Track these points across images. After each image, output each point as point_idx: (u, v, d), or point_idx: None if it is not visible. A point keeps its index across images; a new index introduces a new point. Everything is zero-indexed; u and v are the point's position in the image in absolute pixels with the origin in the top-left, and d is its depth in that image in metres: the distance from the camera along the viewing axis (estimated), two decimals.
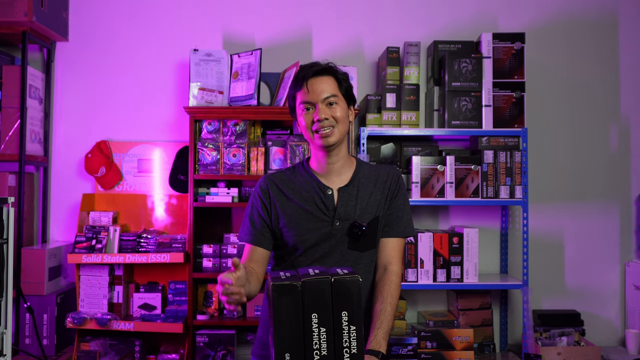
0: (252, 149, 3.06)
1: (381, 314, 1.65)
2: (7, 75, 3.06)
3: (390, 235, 1.78)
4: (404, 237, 1.80)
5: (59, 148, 3.36)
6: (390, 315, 1.66)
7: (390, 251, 1.77)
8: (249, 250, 1.78)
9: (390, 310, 1.67)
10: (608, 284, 3.33)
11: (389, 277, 1.73)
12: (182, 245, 3.01)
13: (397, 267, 1.76)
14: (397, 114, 3.05)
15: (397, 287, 1.72)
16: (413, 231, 1.83)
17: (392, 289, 1.71)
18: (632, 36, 3.38)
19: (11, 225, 1.86)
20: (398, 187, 1.80)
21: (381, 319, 1.64)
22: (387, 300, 1.68)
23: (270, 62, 3.24)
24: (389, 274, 1.74)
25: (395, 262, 1.76)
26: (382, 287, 1.72)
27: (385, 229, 1.78)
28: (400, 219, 1.79)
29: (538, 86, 3.32)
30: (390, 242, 1.78)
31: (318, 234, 1.72)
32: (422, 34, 3.33)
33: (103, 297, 3.02)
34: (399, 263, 1.77)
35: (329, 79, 1.74)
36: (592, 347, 2.87)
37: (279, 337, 1.31)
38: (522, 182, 2.97)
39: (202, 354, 2.94)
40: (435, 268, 2.94)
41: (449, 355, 2.87)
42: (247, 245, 1.79)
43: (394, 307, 1.68)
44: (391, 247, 1.78)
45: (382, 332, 1.62)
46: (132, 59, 3.36)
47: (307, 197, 1.75)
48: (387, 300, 1.68)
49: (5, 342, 1.84)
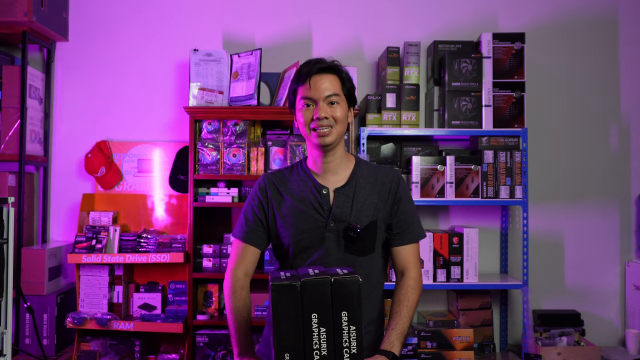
0: (252, 149, 3.06)
1: (396, 317, 1.67)
2: (7, 75, 3.06)
3: (404, 243, 1.78)
4: (416, 241, 1.80)
5: (59, 148, 3.36)
6: (405, 317, 1.67)
7: (405, 258, 1.77)
8: (240, 247, 1.78)
9: (406, 313, 1.67)
10: (608, 284, 3.33)
11: (406, 282, 1.74)
12: (182, 245, 3.01)
13: (415, 272, 1.76)
14: (397, 114, 3.05)
15: (414, 290, 1.73)
16: (423, 233, 1.82)
17: (410, 293, 1.71)
18: (632, 36, 3.38)
19: (11, 225, 1.86)
20: (400, 192, 1.78)
21: (396, 321, 1.65)
22: (403, 303, 1.69)
23: (270, 62, 3.24)
24: (405, 279, 1.74)
25: (412, 267, 1.76)
26: (399, 291, 1.73)
27: (396, 237, 1.77)
28: (411, 225, 1.78)
29: (538, 86, 3.32)
30: (404, 250, 1.78)
31: (312, 234, 1.71)
32: (422, 34, 3.33)
33: (103, 297, 3.02)
34: (416, 268, 1.77)
35: (333, 77, 1.72)
36: (592, 347, 2.87)
37: (279, 337, 1.31)
38: (522, 182, 2.97)
39: (202, 354, 2.94)
40: (435, 268, 2.94)
41: (449, 355, 2.87)
42: (237, 241, 1.79)
43: (410, 310, 1.69)
44: (405, 254, 1.77)
45: (395, 333, 1.62)
46: (132, 59, 3.36)
47: (302, 196, 1.74)
48: (403, 303, 1.69)
49: (5, 342, 1.84)
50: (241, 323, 1.68)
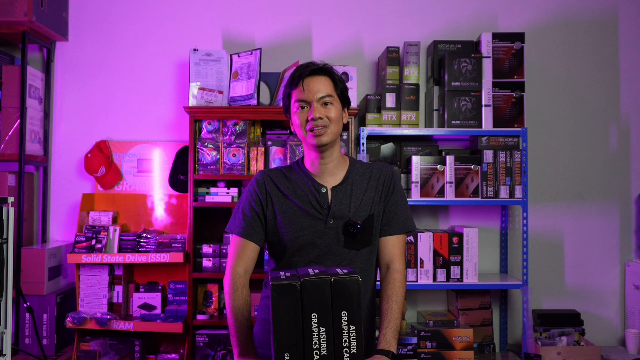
0: (252, 149, 3.06)
1: (388, 314, 1.66)
2: (7, 75, 3.06)
3: (391, 234, 1.78)
4: (404, 233, 1.80)
5: (59, 148, 3.36)
6: (397, 313, 1.67)
7: (391, 249, 1.77)
8: (240, 244, 1.76)
9: (397, 309, 1.68)
10: (608, 284, 3.33)
11: (392, 276, 1.73)
12: (182, 245, 3.01)
13: (400, 265, 1.76)
14: (397, 114, 3.05)
15: (402, 284, 1.73)
16: (413, 226, 1.81)
17: (397, 287, 1.71)
18: (632, 36, 3.38)
19: (11, 225, 1.86)
20: (393, 184, 1.80)
21: (389, 318, 1.65)
22: (393, 299, 1.69)
23: (270, 62, 3.24)
24: (392, 272, 1.74)
25: (398, 259, 1.76)
26: (387, 286, 1.72)
27: (384, 228, 1.78)
28: (399, 216, 1.78)
29: (538, 86, 3.32)
30: (391, 240, 1.78)
31: (312, 231, 1.72)
32: (422, 34, 3.33)
33: (103, 297, 3.02)
34: (402, 260, 1.77)
35: (325, 79, 1.74)
36: (592, 347, 2.87)
37: (279, 337, 1.31)
38: (522, 182, 2.97)
39: (202, 354, 2.94)
40: (435, 268, 2.94)
41: (449, 355, 2.87)
42: (236, 237, 1.77)
43: (400, 305, 1.69)
44: (392, 245, 1.77)
45: (390, 332, 1.63)
46: (132, 58, 3.36)
47: (302, 195, 1.75)
48: (393, 299, 1.69)
49: (5, 342, 1.83)
50: (242, 322, 1.68)
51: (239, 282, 1.72)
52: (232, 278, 1.73)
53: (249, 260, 1.77)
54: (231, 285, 1.72)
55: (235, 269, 1.74)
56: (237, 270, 1.74)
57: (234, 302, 1.70)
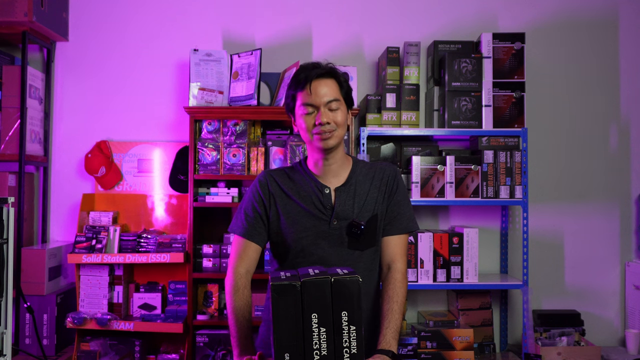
0: (252, 149, 3.06)
1: (389, 314, 1.66)
2: (7, 75, 3.06)
3: (392, 233, 1.78)
4: (406, 233, 1.79)
5: (59, 148, 3.36)
6: (397, 313, 1.67)
7: (393, 249, 1.77)
8: (242, 244, 1.76)
9: (398, 309, 1.68)
10: (608, 284, 3.33)
11: (393, 276, 1.73)
12: (182, 245, 3.01)
13: (401, 265, 1.76)
14: (397, 114, 3.05)
15: (402, 284, 1.73)
16: (416, 225, 1.81)
17: (398, 287, 1.71)
18: (632, 36, 3.38)
19: (11, 225, 1.86)
20: (396, 184, 1.79)
21: (389, 319, 1.65)
22: (394, 299, 1.69)
23: (270, 62, 3.24)
24: (393, 272, 1.74)
25: (399, 259, 1.76)
26: (388, 286, 1.72)
27: (386, 227, 1.78)
28: (401, 215, 1.78)
29: (538, 86, 3.32)
30: (393, 240, 1.78)
31: (315, 232, 1.72)
32: (422, 34, 3.33)
33: (103, 297, 3.02)
34: (403, 260, 1.77)
35: (331, 82, 1.73)
36: (592, 347, 2.87)
37: (279, 337, 1.31)
38: (522, 182, 2.97)
39: (202, 354, 2.94)
40: (435, 268, 2.94)
41: (449, 355, 2.87)
42: (238, 237, 1.77)
43: (400, 305, 1.69)
44: (394, 245, 1.77)
45: (390, 332, 1.62)
46: (132, 58, 3.36)
47: (305, 195, 1.75)
48: (394, 299, 1.69)
49: (5, 342, 1.83)
50: (242, 323, 1.68)
51: (240, 283, 1.73)
52: (233, 278, 1.73)
53: (251, 261, 1.77)
54: (232, 285, 1.72)
55: (236, 269, 1.75)
56: (239, 271, 1.74)
57: (235, 302, 1.70)
